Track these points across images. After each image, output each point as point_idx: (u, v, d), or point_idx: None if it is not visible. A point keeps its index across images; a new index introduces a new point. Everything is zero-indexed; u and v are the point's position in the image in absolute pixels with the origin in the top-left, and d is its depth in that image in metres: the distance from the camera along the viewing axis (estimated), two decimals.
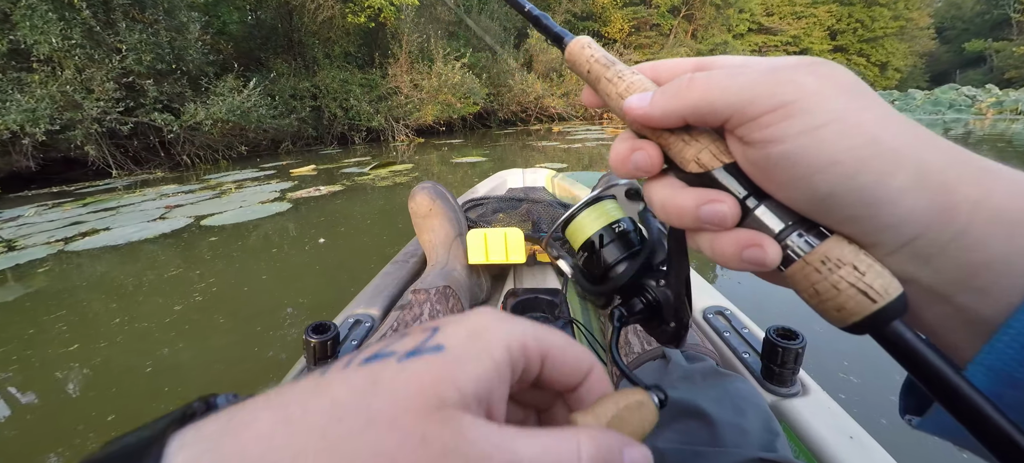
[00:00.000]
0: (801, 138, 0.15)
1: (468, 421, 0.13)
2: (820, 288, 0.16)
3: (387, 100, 9.09)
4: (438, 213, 0.88)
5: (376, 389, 0.13)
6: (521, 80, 12.24)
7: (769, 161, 0.16)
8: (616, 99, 0.21)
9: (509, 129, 11.36)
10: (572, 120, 13.40)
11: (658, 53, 19.65)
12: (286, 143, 8.20)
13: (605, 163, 4.67)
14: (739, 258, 0.18)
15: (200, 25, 6.75)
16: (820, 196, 0.16)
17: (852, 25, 27.25)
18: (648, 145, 0.20)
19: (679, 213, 0.19)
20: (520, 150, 6.94)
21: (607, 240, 0.27)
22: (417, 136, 9.44)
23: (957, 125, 8.79)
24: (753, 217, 0.18)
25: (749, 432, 0.39)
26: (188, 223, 2.83)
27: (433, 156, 6.33)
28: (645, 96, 0.19)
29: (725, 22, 23.87)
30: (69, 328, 1.53)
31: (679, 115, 0.18)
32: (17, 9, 5.30)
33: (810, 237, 0.17)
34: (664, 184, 0.20)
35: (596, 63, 0.22)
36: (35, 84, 5.40)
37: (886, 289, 0.15)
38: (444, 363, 0.14)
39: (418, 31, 9.58)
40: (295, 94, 8.29)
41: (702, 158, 0.18)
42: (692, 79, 0.18)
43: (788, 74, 0.16)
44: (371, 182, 4.02)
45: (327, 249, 2.24)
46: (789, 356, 0.51)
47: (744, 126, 0.17)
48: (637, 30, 20.36)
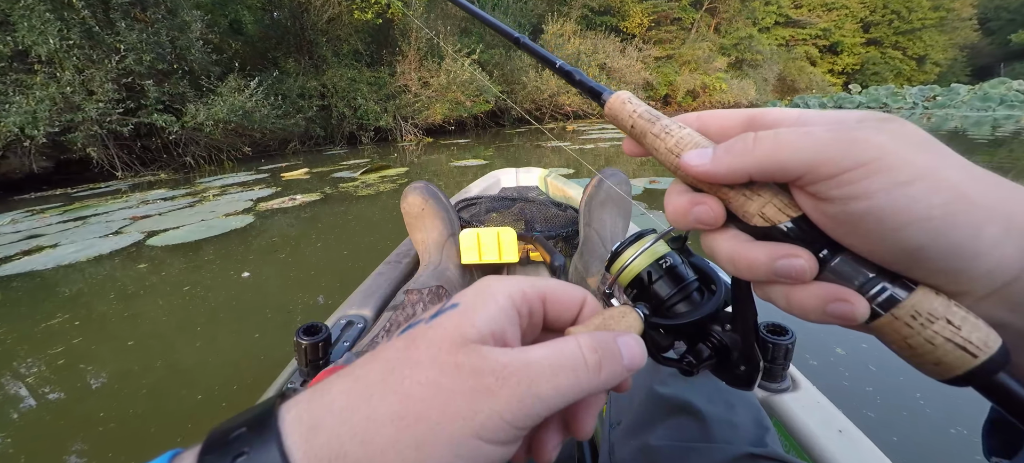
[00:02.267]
0: (889, 194, 0.15)
1: (486, 348, 0.17)
2: (913, 343, 0.16)
3: (395, 99, 8.75)
4: (431, 213, 0.86)
5: (415, 343, 0.17)
6: (536, 77, 11.75)
7: (851, 217, 0.16)
8: (666, 154, 0.21)
9: (522, 128, 10.90)
10: (589, 118, 12.85)
11: (679, 49, 18.79)
12: (293, 143, 7.96)
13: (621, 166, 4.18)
14: (823, 312, 0.17)
15: (203, 23, 6.49)
16: (909, 250, 0.15)
17: (887, 16, 25.51)
18: (709, 200, 0.19)
19: (750, 267, 0.18)
20: (532, 150, 6.51)
21: (658, 276, 0.25)
22: (426, 135, 9.09)
23: (1008, 122, 7.85)
24: (830, 269, 0.17)
25: (740, 428, 0.39)
26: (134, 241, 2.51)
27: (437, 157, 5.96)
28: (705, 152, 0.19)
29: (750, 15, 22.64)
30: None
31: (745, 173, 0.18)
32: (16, 9, 5.15)
33: (896, 289, 0.16)
34: (728, 237, 0.19)
35: (640, 119, 0.22)
36: (36, 86, 5.25)
37: (985, 342, 0.15)
38: (461, 313, 0.18)
39: (428, 27, 9.19)
40: (303, 93, 8.03)
41: (767, 212, 0.18)
42: (757, 138, 0.18)
43: (861, 133, 0.16)
44: (352, 191, 3.64)
45: (251, 288, 1.86)
46: (779, 352, 0.51)
47: (819, 184, 0.16)
48: (657, 25, 19.42)
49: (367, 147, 8.03)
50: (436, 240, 0.84)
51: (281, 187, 4.09)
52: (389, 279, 0.84)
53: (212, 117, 6.21)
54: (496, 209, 1.08)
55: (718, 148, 0.19)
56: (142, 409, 1.11)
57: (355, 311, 0.72)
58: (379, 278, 0.85)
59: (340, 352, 0.61)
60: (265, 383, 0.60)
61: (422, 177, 1.49)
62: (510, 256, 0.82)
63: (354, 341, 0.63)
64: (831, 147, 0.16)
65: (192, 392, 1.17)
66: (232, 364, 1.30)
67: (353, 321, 0.68)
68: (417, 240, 0.87)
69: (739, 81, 18.65)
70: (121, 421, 1.07)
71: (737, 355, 0.24)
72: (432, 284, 0.71)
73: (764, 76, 20.99)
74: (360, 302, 0.75)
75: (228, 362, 1.32)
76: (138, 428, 1.05)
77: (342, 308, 0.74)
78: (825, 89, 23.22)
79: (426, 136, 9.04)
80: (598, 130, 8.75)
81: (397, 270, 0.89)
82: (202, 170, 6.35)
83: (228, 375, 1.24)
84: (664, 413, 0.42)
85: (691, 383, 0.44)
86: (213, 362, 1.32)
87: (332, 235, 2.49)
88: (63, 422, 1.09)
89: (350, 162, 5.82)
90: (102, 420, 1.07)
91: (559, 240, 0.97)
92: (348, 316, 0.70)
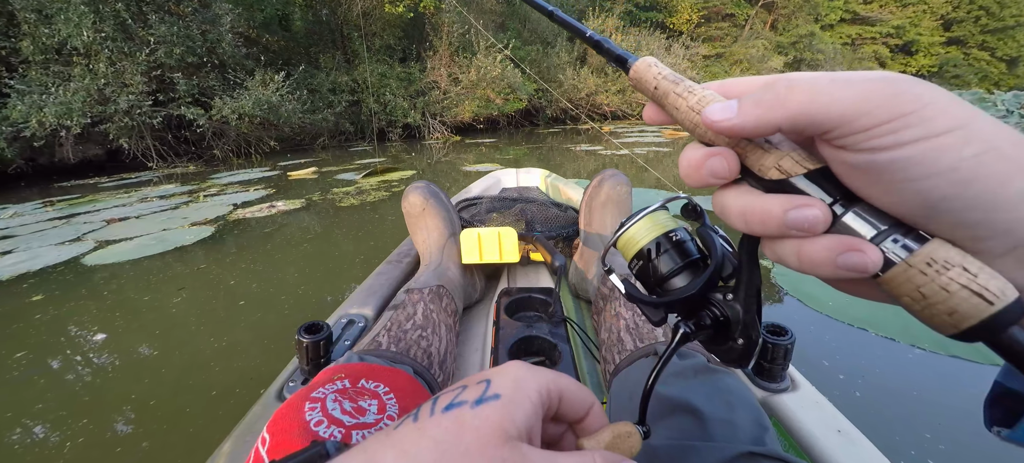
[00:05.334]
0: (917, 145, 0.15)
1: (526, 448, 0.18)
2: (927, 291, 0.15)
3: (425, 95, 8.38)
4: (431, 213, 0.84)
5: (463, 429, 0.18)
6: (573, 75, 11.05)
7: (877, 166, 0.15)
8: (687, 112, 0.20)
9: (556, 128, 10.26)
10: (628, 119, 12.00)
11: (730, 47, 17.35)
12: (323, 139, 7.78)
13: (666, 178, 3.55)
14: (834, 264, 0.16)
15: (234, 16, 6.35)
16: (931, 202, 0.15)
17: (973, 13, 22.48)
18: (724, 151, 0.19)
19: (763, 220, 0.18)
20: (563, 152, 5.92)
21: (664, 249, 0.24)
22: (454, 134, 8.67)
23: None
24: (842, 223, 0.17)
25: (739, 427, 0.39)
26: (73, 256, 2.19)
27: (458, 158, 5.49)
28: (730, 104, 0.18)
29: (812, 11, 20.59)
30: None
31: (774, 125, 0.17)
32: (54, 3, 5.16)
33: (909, 241, 0.16)
34: (741, 191, 0.19)
35: (664, 80, 0.22)
36: (74, 78, 5.26)
37: (1003, 291, 0.14)
38: (504, 407, 0.19)
39: (460, 22, 8.73)
40: (334, 88, 7.82)
41: (784, 164, 0.17)
42: (790, 87, 0.17)
43: (901, 84, 0.15)
44: (337, 199, 3.22)
45: (153, 359, 1.44)
46: (779, 352, 0.51)
47: (854, 135, 0.16)
48: (707, 21, 17.98)
49: (394, 144, 7.72)
50: (437, 240, 0.83)
51: (276, 189, 3.76)
52: (390, 278, 0.85)
53: (237, 111, 6.06)
54: (497, 209, 1.07)
55: (745, 100, 0.18)
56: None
57: (356, 310, 0.72)
58: (380, 277, 0.85)
59: (341, 351, 0.60)
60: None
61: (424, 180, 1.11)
62: (511, 256, 0.81)
63: (355, 340, 0.63)
64: (873, 98, 0.15)
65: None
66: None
67: (354, 320, 0.68)
68: (418, 240, 0.85)
69: None
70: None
71: (736, 327, 0.23)
72: (433, 284, 0.69)
73: None
74: (361, 301, 0.74)
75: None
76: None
77: (343, 307, 0.73)
78: None
79: (454, 134, 8.62)
80: (637, 133, 7.98)
81: (398, 269, 0.89)
82: (230, 163, 6.24)
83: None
84: (664, 412, 0.41)
85: (690, 382, 0.43)
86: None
87: (279, 269, 2.06)
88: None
89: (364, 161, 5.48)
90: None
91: (560, 240, 0.95)
92: (349, 315, 0.70)
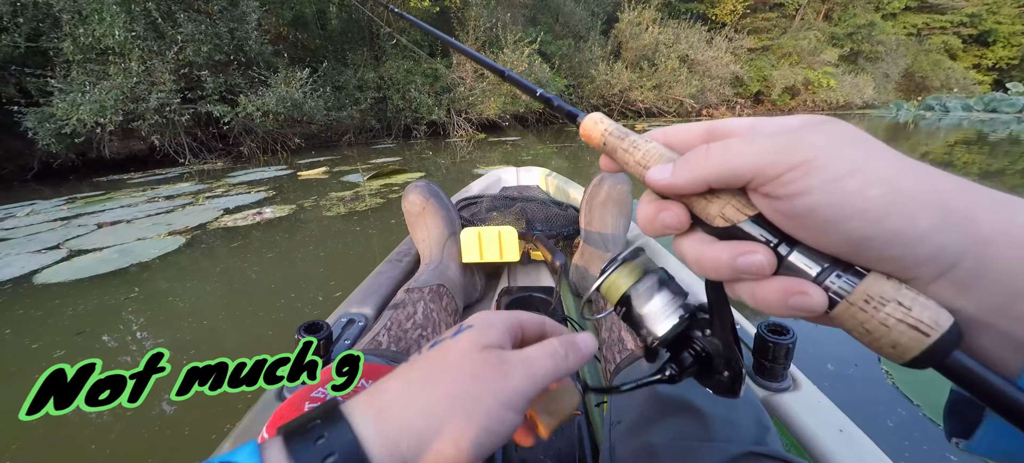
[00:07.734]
0: (825, 189, 0.16)
1: (499, 349, 0.24)
2: (869, 327, 0.16)
3: (450, 92, 8.10)
4: (431, 212, 0.83)
5: (446, 351, 0.23)
6: (606, 70, 10.46)
7: (797, 212, 0.17)
8: (635, 167, 0.22)
9: None
10: (665, 116, 11.27)
11: (778, 40, 16.02)
12: (349, 136, 7.68)
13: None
14: (785, 306, 0.17)
15: (260, 14, 6.28)
16: (854, 240, 0.16)
17: None
18: (673, 205, 0.20)
19: (714, 266, 0.19)
20: (592, 152, 5.47)
21: (643, 294, 0.26)
22: (479, 131, 8.36)
23: None
24: (788, 263, 0.18)
25: (740, 427, 0.39)
26: (37, 268, 2.03)
27: (478, 157, 5.17)
28: (666, 168, 0.20)
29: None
30: None
31: (703, 182, 0.19)
32: (90, 3, 5.23)
33: (849, 277, 0.16)
34: (694, 240, 0.20)
35: (610, 136, 0.23)
36: (111, 76, 5.34)
37: (936, 321, 0.15)
38: (476, 331, 0.24)
39: (488, 15, 8.37)
40: (361, 85, 7.69)
41: (727, 213, 0.19)
42: (709, 150, 0.19)
43: (798, 136, 0.17)
44: (324, 207, 2.95)
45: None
46: (780, 352, 0.51)
47: (767, 185, 0.17)
48: (753, 11, 16.66)
49: (419, 142, 7.50)
50: (437, 239, 0.82)
51: (276, 192, 3.57)
52: (390, 278, 0.84)
53: (261, 108, 6.00)
54: (497, 208, 1.05)
55: (677, 162, 0.20)
56: None
57: (356, 309, 0.72)
58: (380, 277, 0.84)
59: (341, 350, 0.58)
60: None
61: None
62: (511, 255, 0.80)
63: (355, 339, 0.63)
64: (771, 152, 0.17)
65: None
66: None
67: (354, 319, 0.68)
68: (418, 239, 0.84)
69: (852, 77, 15.48)
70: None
71: (719, 361, 0.24)
72: (433, 283, 0.70)
73: (885, 71, 17.25)
74: (361, 300, 0.74)
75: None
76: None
77: (343, 306, 0.73)
78: (968, 88, 18.65)
79: (479, 132, 8.30)
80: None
81: (398, 269, 0.88)
82: (256, 160, 6.21)
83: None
84: (664, 412, 0.42)
85: (691, 381, 0.41)
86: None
87: (207, 305, 1.79)
88: None
89: (379, 160, 5.26)
90: None
91: (560, 239, 0.94)
92: (349, 314, 0.70)
